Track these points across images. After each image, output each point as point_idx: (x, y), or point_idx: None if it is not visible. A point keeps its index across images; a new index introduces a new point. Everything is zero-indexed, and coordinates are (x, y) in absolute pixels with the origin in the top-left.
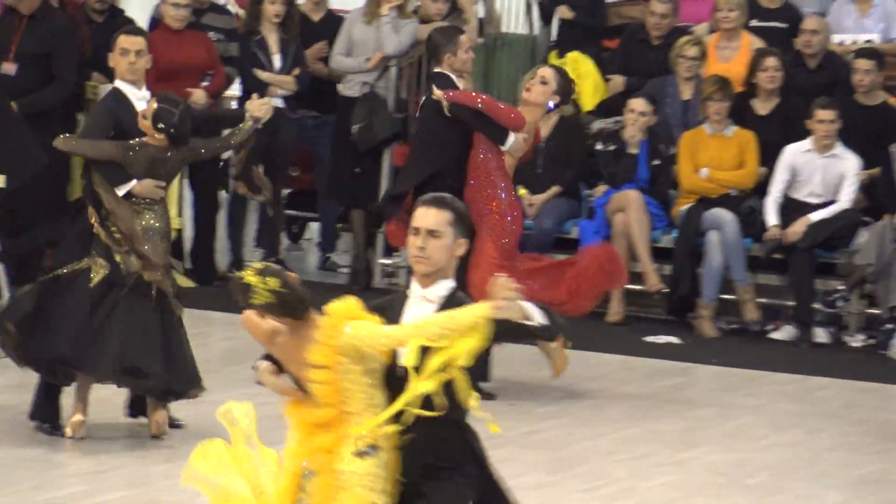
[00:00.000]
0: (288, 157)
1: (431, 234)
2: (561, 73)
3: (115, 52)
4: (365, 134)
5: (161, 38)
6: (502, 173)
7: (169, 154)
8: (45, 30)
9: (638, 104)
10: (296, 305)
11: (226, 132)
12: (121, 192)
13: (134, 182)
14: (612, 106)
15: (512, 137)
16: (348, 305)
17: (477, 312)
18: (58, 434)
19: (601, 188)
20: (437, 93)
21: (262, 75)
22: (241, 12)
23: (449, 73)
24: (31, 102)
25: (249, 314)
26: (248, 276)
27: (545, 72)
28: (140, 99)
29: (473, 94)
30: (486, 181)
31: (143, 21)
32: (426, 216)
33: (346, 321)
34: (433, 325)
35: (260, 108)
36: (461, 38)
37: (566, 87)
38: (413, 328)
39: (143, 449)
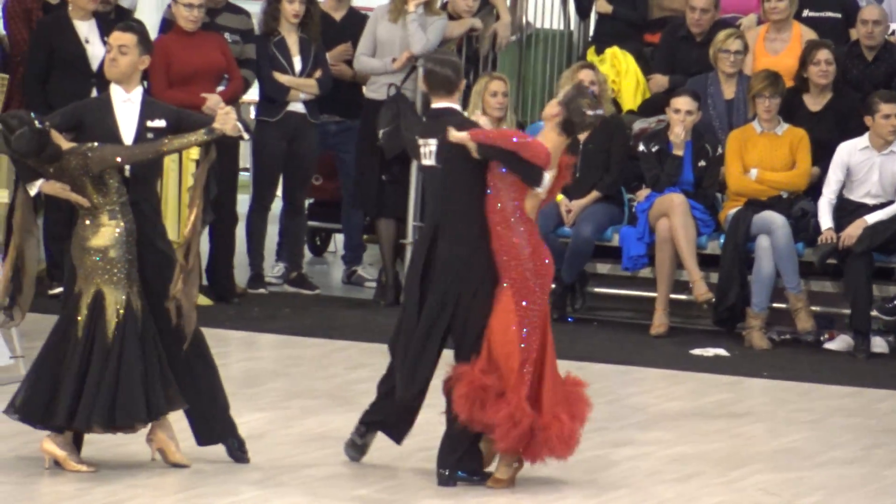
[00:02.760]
0: (310, 166)
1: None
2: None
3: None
4: (391, 139)
5: (173, 41)
6: (524, 218)
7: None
8: None
9: (683, 103)
10: None
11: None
12: (33, 190)
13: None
14: (654, 105)
15: (547, 177)
16: None
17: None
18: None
19: (643, 192)
20: (460, 135)
21: (282, 79)
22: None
23: (456, 106)
24: None
25: None
26: None
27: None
28: (124, 101)
29: (505, 131)
30: (507, 230)
31: (153, 23)
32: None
33: None
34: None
35: (225, 119)
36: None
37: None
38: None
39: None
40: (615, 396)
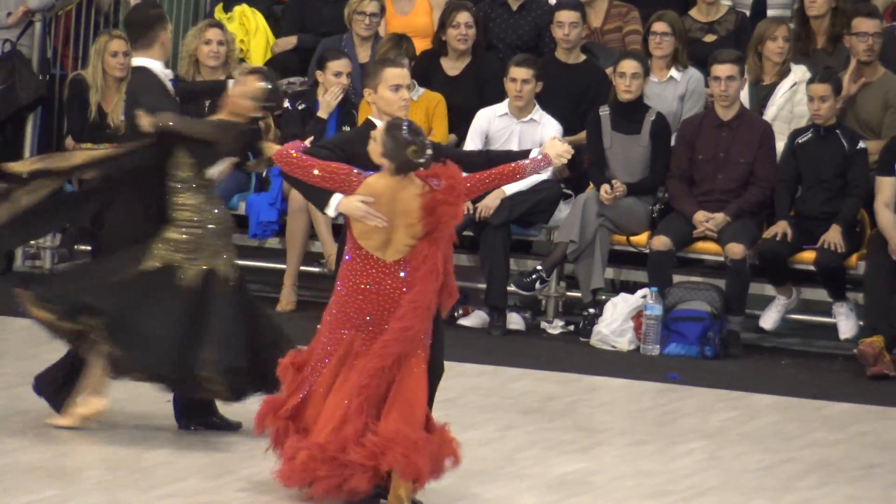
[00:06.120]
0: None
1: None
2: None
3: None
4: (6, 98)
5: None
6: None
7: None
8: None
9: (340, 66)
10: None
11: None
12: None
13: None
14: (285, 64)
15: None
16: None
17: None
18: None
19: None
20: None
21: None
22: None
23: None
24: None
25: None
26: None
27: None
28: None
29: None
30: None
31: None
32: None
33: None
34: None
35: None
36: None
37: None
38: None
39: None
40: None
